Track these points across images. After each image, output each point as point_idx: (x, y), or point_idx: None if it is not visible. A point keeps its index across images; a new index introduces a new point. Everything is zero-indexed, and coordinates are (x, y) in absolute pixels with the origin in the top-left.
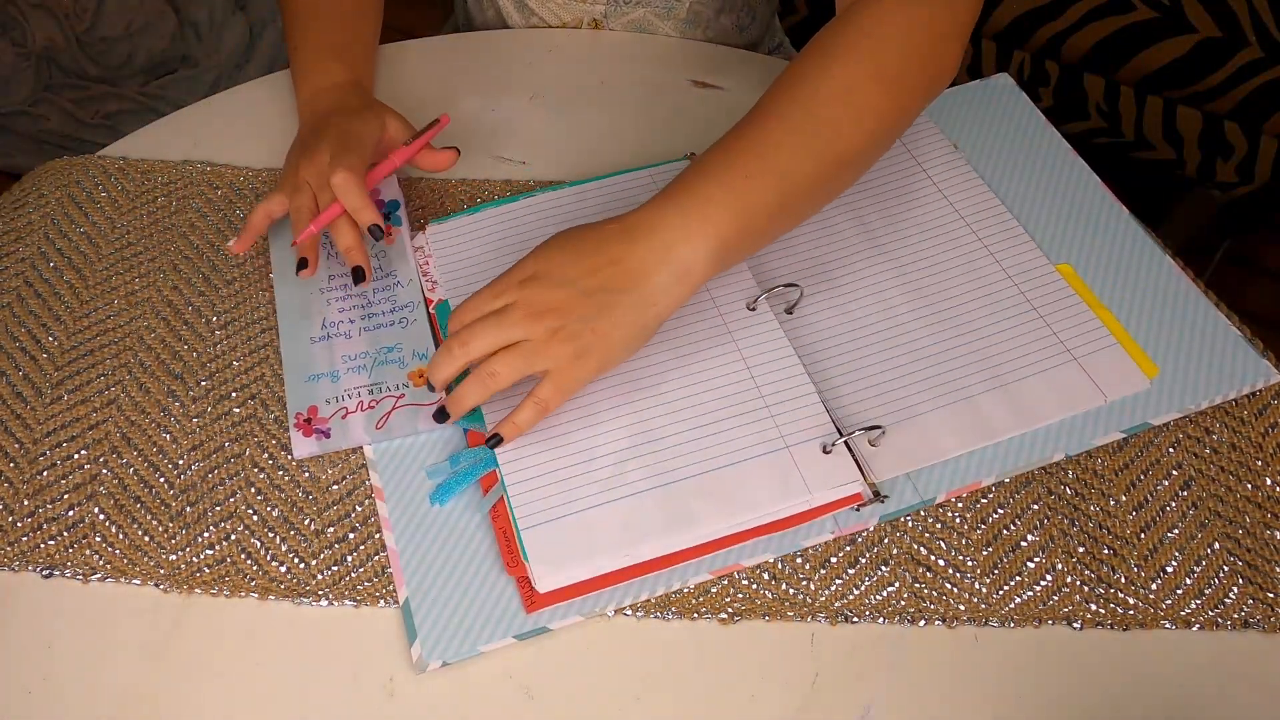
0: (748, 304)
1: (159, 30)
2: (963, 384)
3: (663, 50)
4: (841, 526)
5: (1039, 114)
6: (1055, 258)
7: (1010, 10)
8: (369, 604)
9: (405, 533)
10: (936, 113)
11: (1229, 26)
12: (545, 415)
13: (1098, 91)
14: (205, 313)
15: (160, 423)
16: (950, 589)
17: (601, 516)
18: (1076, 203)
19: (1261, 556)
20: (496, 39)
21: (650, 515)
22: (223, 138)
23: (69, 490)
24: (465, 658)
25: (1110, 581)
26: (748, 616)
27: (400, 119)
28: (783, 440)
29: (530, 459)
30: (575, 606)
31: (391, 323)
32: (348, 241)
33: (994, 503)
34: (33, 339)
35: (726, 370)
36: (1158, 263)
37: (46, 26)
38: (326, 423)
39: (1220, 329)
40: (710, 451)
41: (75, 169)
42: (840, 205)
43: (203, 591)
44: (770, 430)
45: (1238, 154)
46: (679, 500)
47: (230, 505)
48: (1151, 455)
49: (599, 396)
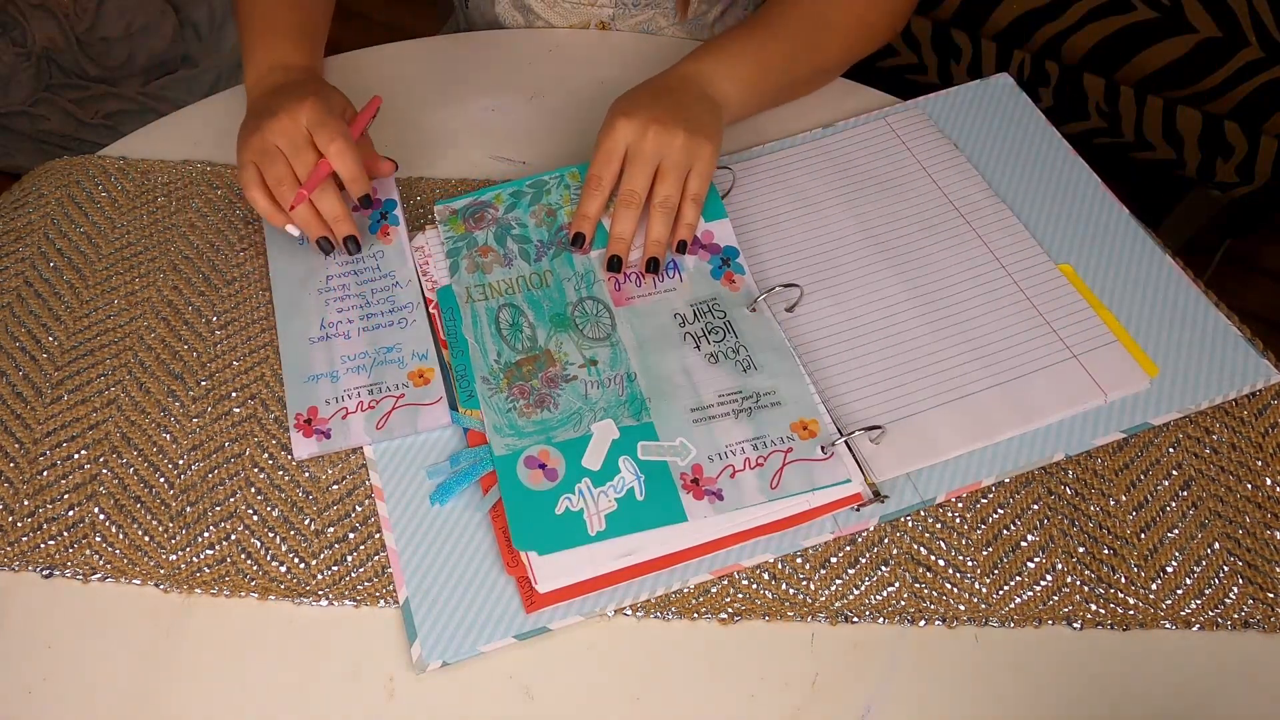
0: (748, 305)
1: (159, 30)
2: (963, 383)
3: (664, 50)
4: (841, 526)
5: (1039, 114)
6: (1055, 258)
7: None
8: (369, 604)
9: (405, 533)
10: (937, 112)
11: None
12: (701, 205)
13: (1098, 91)
14: (205, 313)
15: (160, 423)
16: (950, 589)
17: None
18: (1076, 203)
19: (1261, 556)
20: (496, 39)
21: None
22: (223, 138)
23: (69, 490)
24: (465, 658)
25: (1110, 581)
26: (748, 616)
27: (352, 106)
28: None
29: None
30: (575, 606)
31: (391, 323)
32: (336, 210)
33: (994, 503)
34: (33, 339)
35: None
36: (1158, 263)
37: (46, 26)
38: (327, 423)
39: (1220, 329)
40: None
41: (75, 169)
42: (841, 204)
43: (203, 591)
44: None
45: (1238, 154)
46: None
47: (230, 505)
48: (1151, 455)
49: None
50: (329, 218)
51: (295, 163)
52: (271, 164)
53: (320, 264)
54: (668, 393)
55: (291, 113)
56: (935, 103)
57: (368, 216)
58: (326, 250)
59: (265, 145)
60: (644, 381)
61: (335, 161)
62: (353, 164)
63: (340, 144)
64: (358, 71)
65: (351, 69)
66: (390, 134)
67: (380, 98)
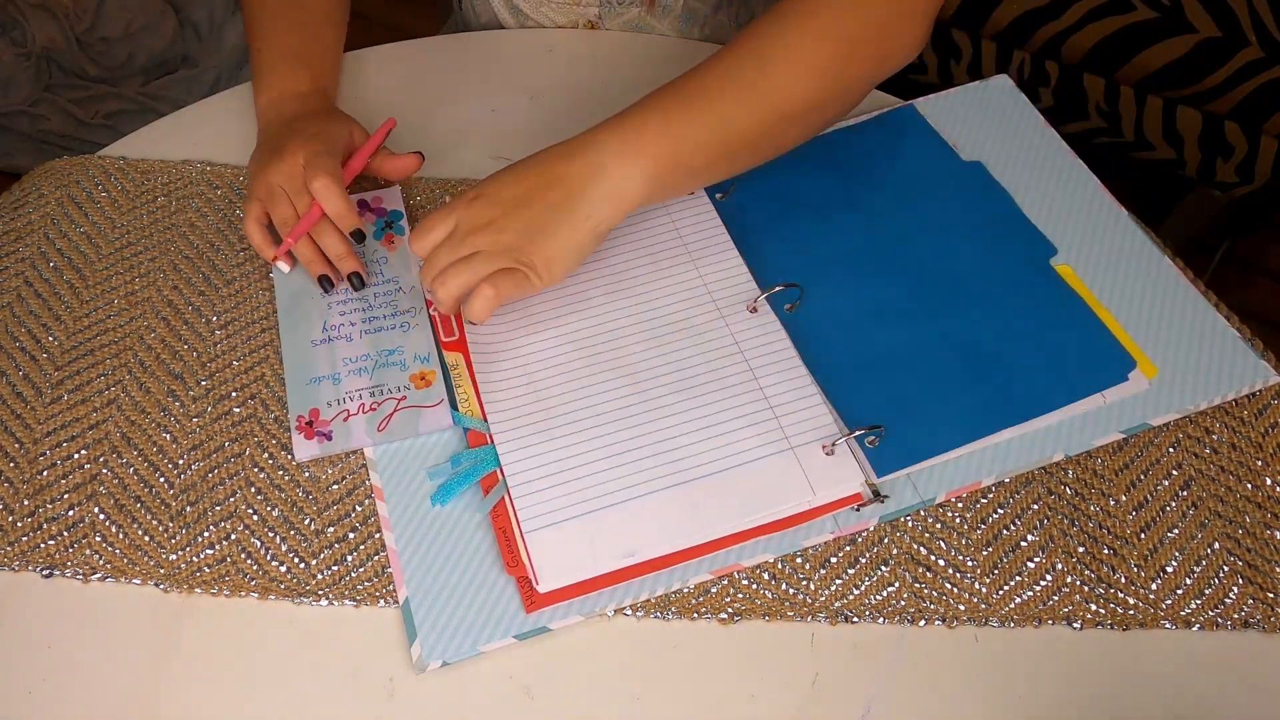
0: (749, 305)
1: (159, 30)
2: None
3: (663, 50)
4: (841, 526)
5: (1038, 115)
6: (1054, 259)
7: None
8: (369, 604)
9: (405, 533)
10: (935, 113)
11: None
12: (498, 301)
13: (1098, 91)
14: (205, 313)
15: (160, 422)
16: (950, 589)
17: (606, 518)
18: (1075, 204)
19: (1261, 556)
20: (496, 39)
21: (656, 517)
22: (223, 138)
23: (69, 490)
24: (465, 658)
25: (1110, 581)
26: (748, 616)
27: (362, 130)
28: (787, 441)
29: (534, 460)
30: (575, 606)
31: (393, 326)
32: (338, 249)
33: (994, 503)
34: (33, 339)
35: (731, 372)
36: (1156, 264)
37: (46, 26)
38: (328, 425)
39: (1219, 330)
40: (716, 454)
41: (75, 169)
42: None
43: (203, 591)
44: (774, 432)
45: (1238, 154)
46: (685, 502)
47: (230, 505)
48: (1151, 455)
49: (604, 399)
50: (333, 256)
51: (297, 203)
52: (276, 205)
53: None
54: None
55: (292, 153)
56: (933, 104)
57: (372, 223)
58: (327, 289)
59: (270, 186)
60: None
61: (320, 199)
62: (337, 202)
63: (323, 181)
64: (358, 71)
65: (352, 69)
66: (391, 134)
67: (394, 120)
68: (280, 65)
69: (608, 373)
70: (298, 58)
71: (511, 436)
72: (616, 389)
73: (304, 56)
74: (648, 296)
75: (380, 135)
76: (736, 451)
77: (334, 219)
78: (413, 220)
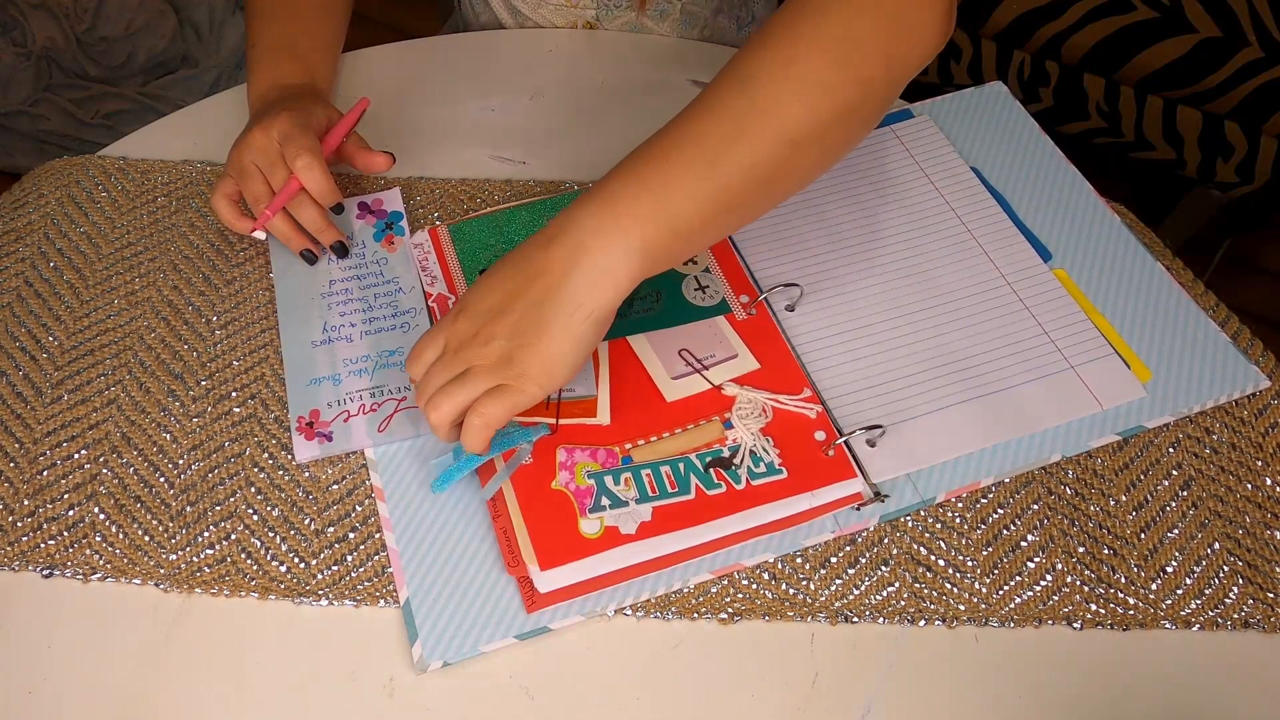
0: (748, 306)
1: (159, 30)
2: (962, 387)
3: (663, 50)
4: (841, 526)
5: (1032, 122)
6: (1049, 264)
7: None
8: (369, 604)
9: (405, 533)
10: (930, 118)
11: (1229, 26)
12: (490, 430)
13: (1098, 91)
14: (205, 313)
15: (160, 422)
16: (950, 589)
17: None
18: (1069, 210)
19: (1261, 556)
20: (496, 39)
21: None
22: (223, 138)
23: (69, 490)
24: (466, 658)
25: (1110, 581)
26: (748, 616)
27: (340, 117)
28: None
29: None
30: (575, 606)
31: (393, 327)
32: (318, 222)
33: (994, 503)
34: (33, 339)
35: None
36: (1149, 269)
37: (46, 26)
38: (329, 426)
39: (1211, 335)
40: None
41: (75, 169)
42: (842, 204)
43: (203, 591)
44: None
45: (1238, 154)
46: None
47: (230, 505)
48: (1151, 455)
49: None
50: (312, 229)
51: (271, 179)
52: (249, 182)
53: (324, 269)
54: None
55: (266, 129)
56: (928, 109)
57: (372, 225)
58: (311, 261)
59: (243, 163)
60: None
61: (300, 175)
62: (318, 177)
63: (305, 158)
64: (358, 71)
65: (351, 69)
66: (390, 134)
67: (368, 99)
68: (270, 57)
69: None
70: (287, 50)
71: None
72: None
73: (295, 49)
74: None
75: (355, 114)
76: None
77: (317, 197)
78: (413, 221)
